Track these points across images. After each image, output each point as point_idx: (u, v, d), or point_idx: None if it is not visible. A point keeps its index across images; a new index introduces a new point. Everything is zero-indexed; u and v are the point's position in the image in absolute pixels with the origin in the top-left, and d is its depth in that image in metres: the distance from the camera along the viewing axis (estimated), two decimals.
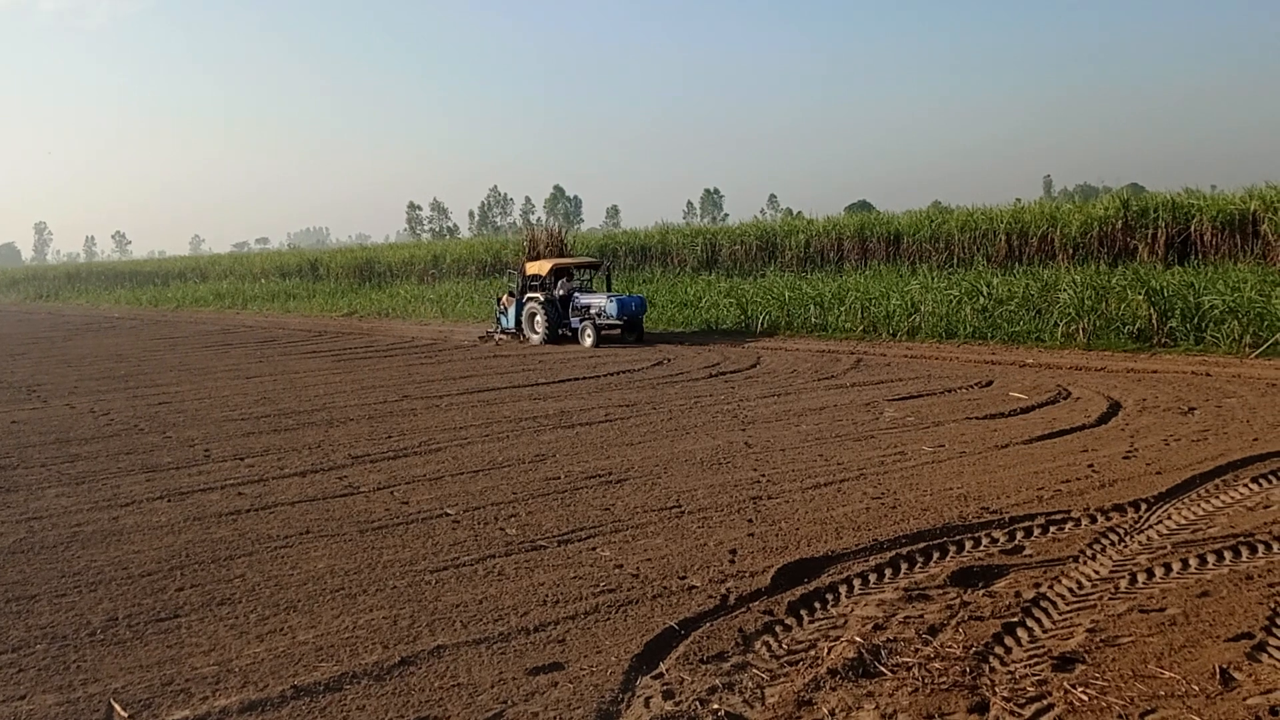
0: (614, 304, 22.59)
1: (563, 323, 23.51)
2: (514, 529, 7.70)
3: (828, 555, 6.74)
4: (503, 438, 11.57)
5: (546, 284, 23.79)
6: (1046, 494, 8.13)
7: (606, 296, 23.03)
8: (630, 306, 22.75)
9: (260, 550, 7.37)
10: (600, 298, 23.16)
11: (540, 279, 23.84)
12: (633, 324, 22.96)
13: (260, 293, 51.61)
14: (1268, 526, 6.96)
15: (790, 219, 44.46)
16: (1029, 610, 5.64)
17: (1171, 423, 11.01)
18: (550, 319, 23.28)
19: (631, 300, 23.03)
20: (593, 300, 23.29)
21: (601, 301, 22.93)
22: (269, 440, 11.89)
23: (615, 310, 22.52)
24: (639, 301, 23.32)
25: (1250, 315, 16.67)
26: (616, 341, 22.73)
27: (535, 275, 23.99)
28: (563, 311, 23.61)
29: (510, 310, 24.66)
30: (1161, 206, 28.14)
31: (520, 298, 24.27)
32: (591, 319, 22.75)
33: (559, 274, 24.36)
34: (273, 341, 28.04)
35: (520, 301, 24.22)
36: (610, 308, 22.59)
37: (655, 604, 5.97)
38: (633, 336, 23.03)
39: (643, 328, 23.43)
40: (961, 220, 32.63)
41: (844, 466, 9.44)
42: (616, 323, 22.72)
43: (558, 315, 23.47)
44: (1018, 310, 20.46)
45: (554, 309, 23.46)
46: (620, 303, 22.63)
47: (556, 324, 23.38)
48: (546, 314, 23.32)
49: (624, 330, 23.03)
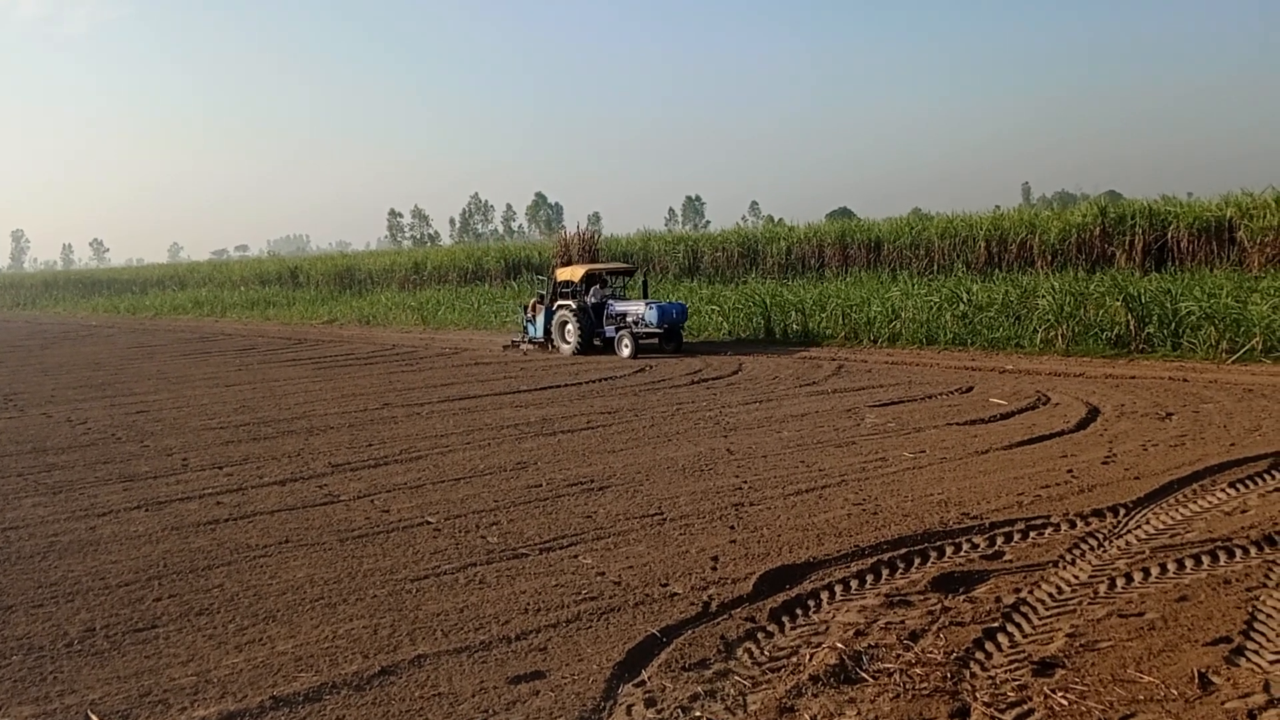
0: (654, 311, 21.15)
1: (596, 331, 22.25)
2: (495, 537, 7.67)
3: (809, 561, 6.75)
4: (484, 445, 11.53)
5: (579, 291, 22.55)
6: (1026, 499, 8.17)
7: (645, 304, 21.64)
8: (671, 314, 21.39)
9: (239, 560, 7.31)
10: (638, 305, 21.78)
11: (573, 285, 22.63)
12: (672, 333, 21.63)
13: (239, 300, 51.30)
14: (1245, 531, 7.01)
15: (772, 226, 44.58)
16: (1009, 615, 5.66)
17: (1149, 428, 11.09)
18: (584, 328, 22.02)
19: (673, 308, 21.70)
20: (630, 308, 21.93)
21: (639, 309, 21.57)
22: (248, 449, 11.81)
23: (656, 318, 21.09)
24: (680, 309, 22.02)
25: (1226, 321, 16.82)
26: (654, 352, 21.46)
27: (567, 281, 22.82)
28: (596, 320, 22.35)
29: (539, 318, 23.25)
30: (1139, 213, 28.38)
31: (550, 305, 22.99)
32: (629, 327, 21.47)
33: (592, 280, 23.08)
34: (252, 349, 27.87)
35: (550, 309, 22.92)
36: (650, 315, 21.18)
37: (637, 611, 5.95)
38: (671, 346, 21.65)
39: (681, 337, 22.19)
40: (941, 227, 32.80)
41: (825, 473, 9.46)
42: (656, 331, 21.30)
43: (591, 324, 22.20)
44: (997, 316, 20.57)
45: (587, 317, 22.20)
46: (661, 310, 21.22)
47: (590, 333, 22.13)
48: (579, 322, 22.04)
49: (662, 340, 21.59)
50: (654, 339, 21.49)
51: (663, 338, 21.50)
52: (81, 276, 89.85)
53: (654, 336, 21.44)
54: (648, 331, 21.32)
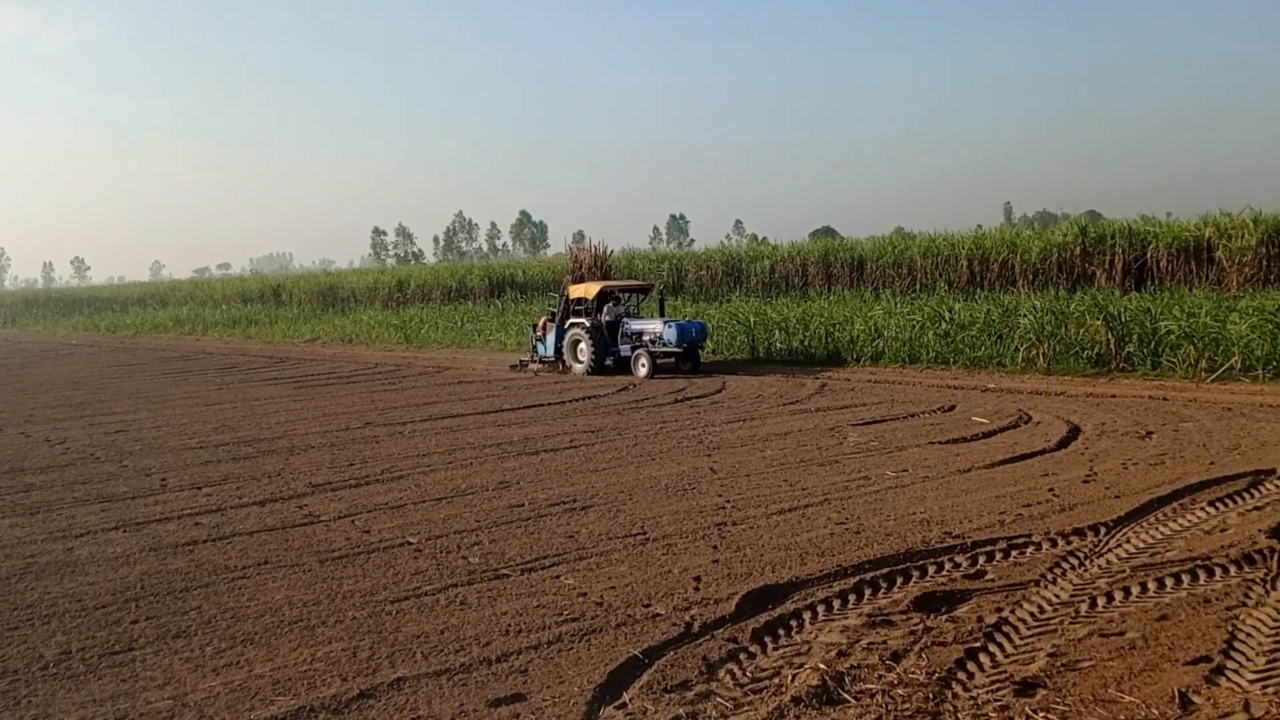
0: (673, 330, 20.46)
1: (610, 351, 21.60)
2: (477, 557, 7.63)
3: (792, 581, 6.73)
4: (466, 465, 11.49)
5: (592, 308, 21.90)
6: (1008, 518, 8.19)
7: (663, 322, 21.02)
8: (690, 333, 20.72)
9: (217, 581, 7.24)
10: (655, 323, 21.17)
11: (585, 303, 21.95)
12: (690, 352, 20.98)
13: (221, 319, 51.06)
14: (1225, 550, 7.04)
15: (756, 244, 44.78)
16: (991, 635, 5.66)
17: (1130, 447, 11.15)
18: (597, 346, 21.32)
19: (692, 326, 21.02)
20: (646, 326, 21.32)
21: (657, 327, 20.92)
22: (227, 469, 11.73)
23: (675, 337, 20.40)
24: (699, 328, 21.39)
25: (1206, 340, 16.95)
26: (671, 371, 20.91)
27: (580, 299, 22.09)
28: (610, 339, 21.71)
29: (549, 337, 22.55)
30: (1119, 233, 28.64)
31: (562, 323, 22.31)
32: (645, 346, 20.85)
33: (605, 298, 22.38)
34: (233, 368, 27.72)
35: (561, 328, 22.24)
36: (669, 334, 20.50)
37: (619, 632, 5.92)
38: (688, 366, 20.98)
39: (700, 357, 21.60)
40: (924, 246, 33.00)
41: (808, 492, 9.46)
42: (674, 351, 20.65)
43: (605, 342, 21.53)
44: (979, 335, 20.67)
45: (601, 336, 21.52)
46: (680, 329, 20.51)
47: (604, 352, 21.43)
48: (593, 341, 21.35)
49: (679, 359, 20.95)
50: (671, 359, 20.93)
51: (680, 357, 20.90)
52: (62, 295, 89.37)
53: (671, 356, 20.85)
54: (665, 351, 20.71)
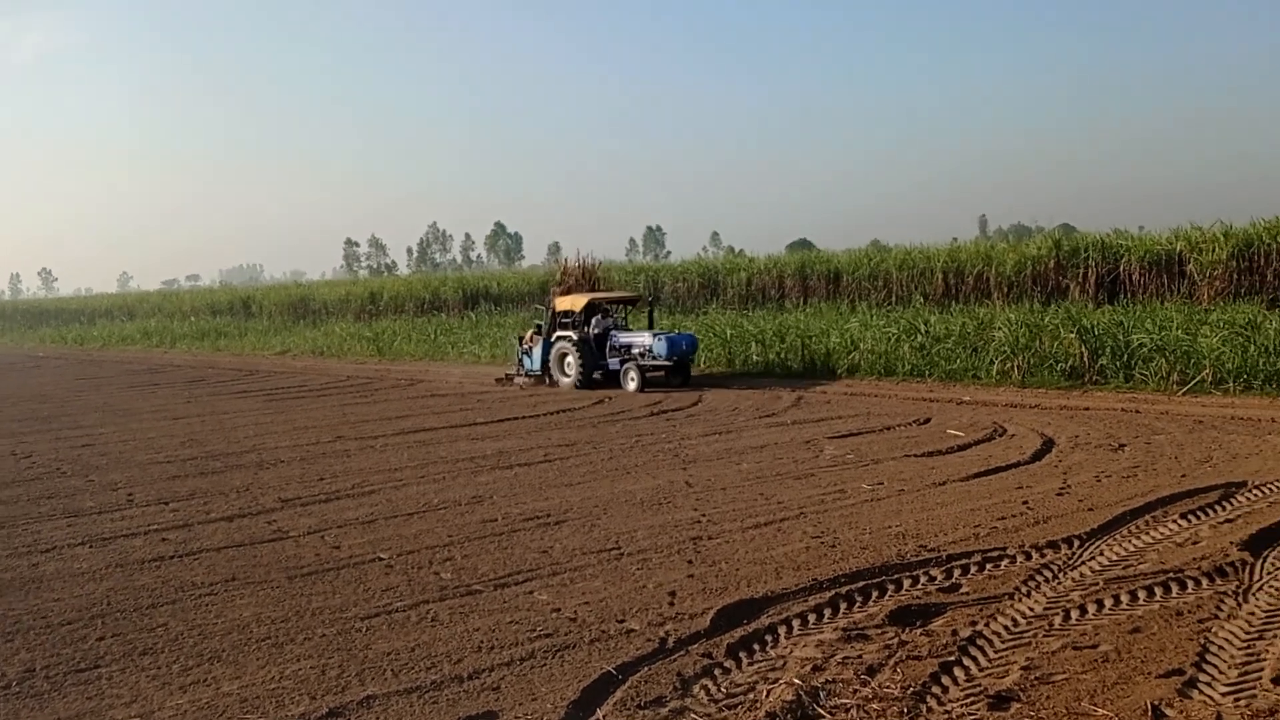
0: (663, 343, 20.11)
1: (599, 364, 21.16)
2: (449, 573, 7.55)
3: (767, 596, 6.69)
4: (439, 479, 11.39)
5: (579, 321, 21.43)
6: (983, 531, 8.19)
7: (653, 335, 20.59)
8: (681, 346, 20.37)
9: (184, 598, 7.14)
10: (644, 336, 20.72)
11: (573, 315, 21.44)
12: (681, 365, 20.62)
13: (189, 331, 50.63)
14: (1197, 562, 7.06)
15: (732, 257, 44.98)
16: (965, 649, 5.64)
17: (1103, 459, 11.20)
18: (585, 360, 20.86)
19: (682, 339, 20.70)
20: (635, 339, 20.88)
21: (646, 340, 20.48)
22: (195, 483, 11.58)
23: (665, 350, 20.02)
24: (690, 340, 21.10)
25: (1177, 354, 17.09)
26: (661, 385, 20.43)
27: (567, 311, 21.58)
28: (598, 352, 21.27)
29: (536, 350, 21.96)
30: (1092, 246, 28.89)
31: (548, 336, 21.82)
32: (635, 360, 20.39)
33: (593, 310, 21.89)
34: (201, 381, 27.46)
35: (548, 341, 21.74)
36: (659, 347, 20.10)
37: (593, 649, 5.86)
38: (678, 380, 20.62)
39: (690, 370, 21.22)
40: (900, 259, 33.17)
41: (784, 505, 9.43)
42: (664, 364, 20.25)
43: (593, 356, 21.08)
44: (955, 348, 20.74)
45: (589, 349, 21.06)
46: (670, 341, 20.18)
47: (592, 365, 20.99)
48: (581, 354, 20.87)
49: (669, 373, 20.53)
50: (661, 372, 20.53)
51: (670, 371, 20.54)
52: (29, 306, 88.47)
53: (661, 370, 20.47)
54: (655, 364, 20.33)
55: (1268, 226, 26.34)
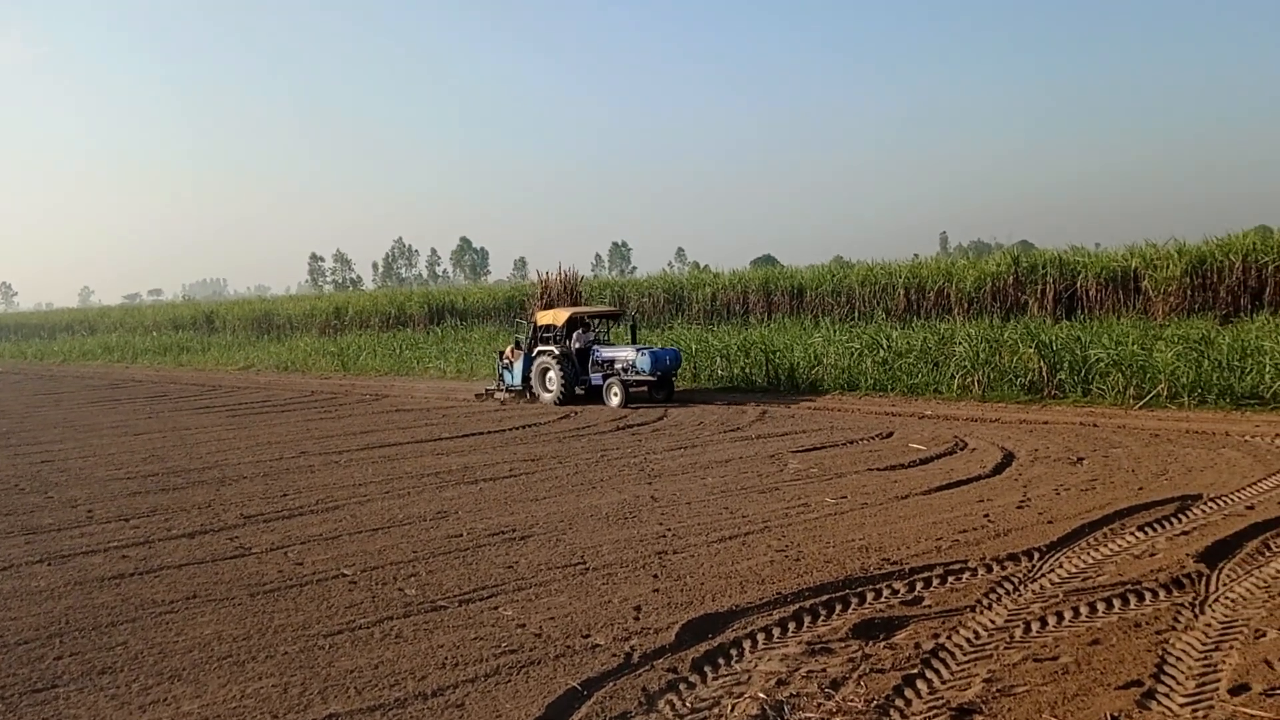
0: (646, 358, 19.94)
1: (581, 379, 20.96)
2: (413, 589, 7.51)
3: (732, 610, 6.72)
4: (403, 494, 11.33)
5: (561, 336, 21.19)
6: (945, 544, 8.27)
7: (636, 349, 20.43)
8: (664, 361, 20.18)
9: (144, 616, 7.05)
10: (628, 350, 20.59)
11: (554, 330, 21.24)
12: (665, 380, 20.45)
13: (151, 346, 49.97)
14: (1154, 574, 7.18)
15: (697, 272, 45.15)
16: (928, 661, 5.70)
17: (1062, 473, 11.35)
18: (567, 375, 20.63)
19: (666, 354, 20.48)
20: (618, 354, 20.73)
21: (629, 355, 20.34)
22: (156, 500, 11.43)
23: (648, 365, 19.86)
24: (674, 355, 20.86)
25: (1134, 368, 17.35)
26: (644, 400, 20.33)
27: (549, 326, 21.39)
28: (580, 367, 21.08)
29: (517, 365, 21.72)
30: (1049, 263, 29.37)
31: (530, 351, 21.56)
32: (617, 375, 20.25)
33: (575, 324, 21.68)
34: (163, 396, 27.12)
35: (529, 356, 21.50)
36: (642, 362, 19.95)
37: (558, 664, 5.85)
38: (662, 395, 20.47)
39: (673, 385, 20.97)
40: (862, 275, 33.50)
41: (749, 519, 9.47)
42: (648, 379, 20.13)
43: (575, 371, 20.86)
44: (916, 363, 20.94)
45: (570, 364, 20.84)
46: (654, 356, 20.01)
47: (574, 380, 20.78)
48: (563, 369, 20.64)
49: (653, 388, 20.43)
50: (644, 388, 20.42)
51: (654, 386, 20.42)
52: None
53: (645, 385, 20.36)
54: (639, 379, 20.20)
55: (1220, 244, 26.94)
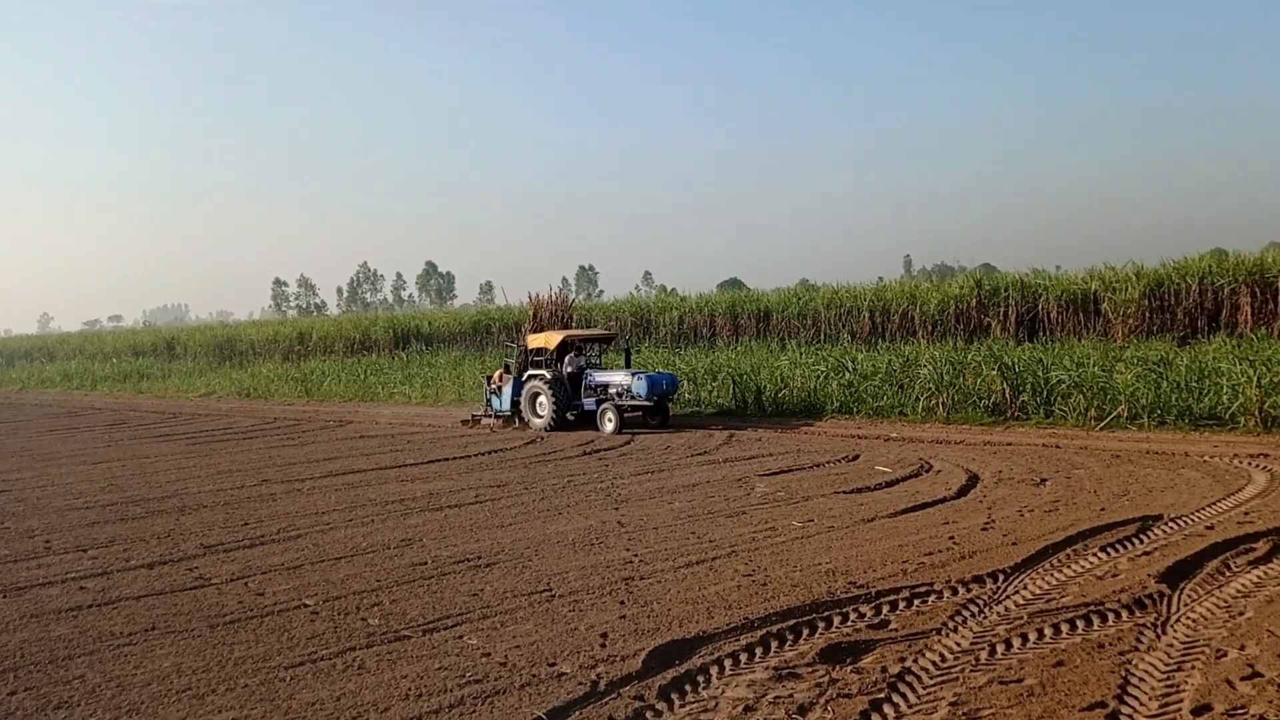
0: (643, 383, 19.53)
1: (573, 404, 20.51)
2: (377, 619, 7.41)
3: (699, 636, 6.69)
4: (367, 522, 11.21)
5: (552, 359, 20.89)
6: (910, 567, 8.30)
7: (631, 374, 20.00)
8: (661, 385, 19.81)
9: (102, 649, 6.91)
10: (622, 375, 20.16)
11: (546, 353, 20.91)
12: (660, 406, 20.01)
13: (111, 373, 49.28)
14: (1117, 595, 7.24)
15: (664, 295, 45.20)
16: (895, 685, 5.69)
17: (1025, 494, 11.44)
18: (559, 400, 20.12)
19: (662, 379, 20.08)
20: (612, 378, 20.32)
21: (624, 379, 19.93)
22: (115, 530, 11.24)
23: (644, 390, 19.46)
24: (670, 380, 20.44)
25: (1094, 390, 17.58)
26: (638, 426, 19.93)
27: (540, 349, 21.05)
28: (573, 391, 20.69)
29: (505, 390, 21.24)
30: (1011, 286, 29.73)
31: (519, 375, 21.18)
32: (612, 399, 19.85)
33: (567, 348, 21.26)
34: (123, 424, 26.74)
35: (519, 380, 21.07)
36: (638, 386, 19.55)
37: (523, 693, 5.79)
38: (656, 420, 20.03)
39: (669, 410, 20.53)
40: (828, 298, 33.73)
41: (716, 544, 9.45)
42: (643, 404, 19.70)
43: (568, 396, 20.40)
44: (881, 385, 21.09)
45: (562, 388, 20.37)
46: (650, 381, 19.59)
47: (566, 405, 20.30)
48: (554, 394, 20.14)
49: (648, 413, 20.02)
50: (639, 413, 20.02)
51: (649, 411, 20.00)
52: None
53: (640, 410, 19.96)
54: (634, 404, 19.78)
55: (1177, 266, 27.42)
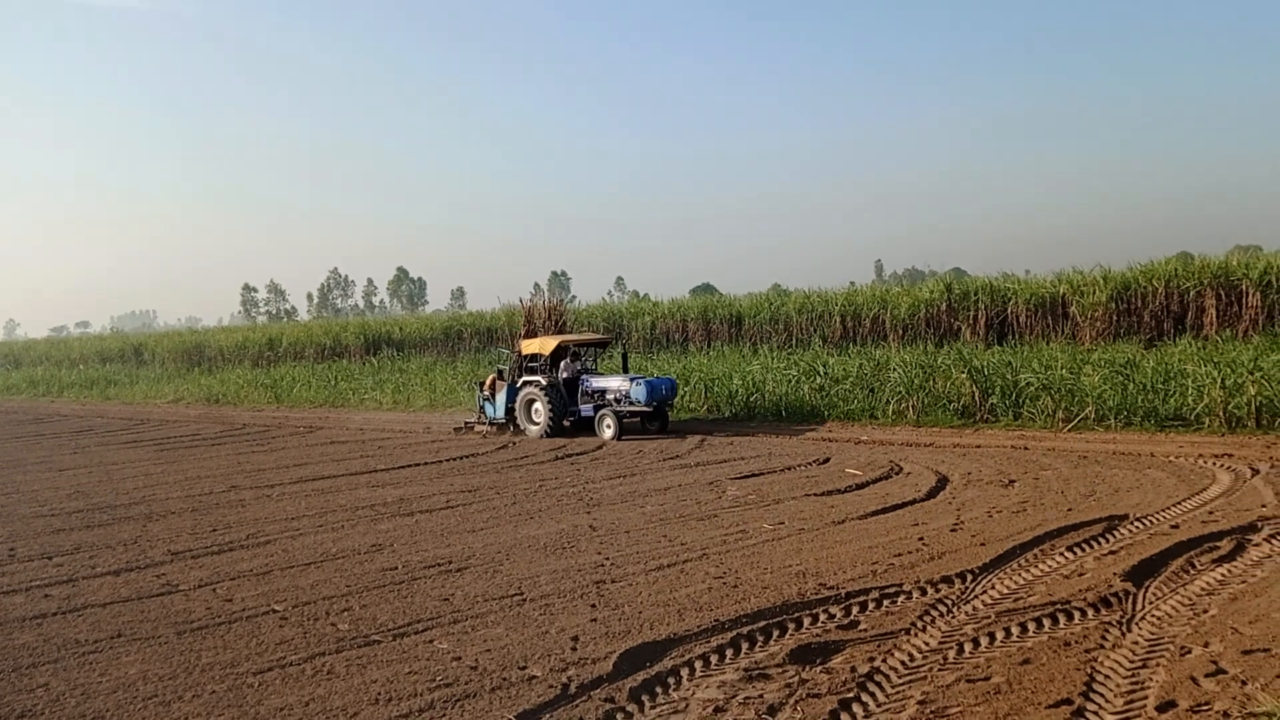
0: (642, 388, 19.13)
1: (570, 410, 20.15)
2: (346, 624, 7.37)
3: (670, 638, 6.70)
4: (337, 528, 11.14)
5: (547, 365, 20.41)
6: (880, 568, 8.35)
7: (630, 379, 19.61)
8: (661, 390, 19.39)
9: (66, 657, 6.84)
10: (620, 380, 19.73)
11: (540, 359, 20.43)
12: (659, 411, 19.65)
13: (78, 379, 48.70)
14: (1083, 594, 7.32)
15: (637, 301, 45.19)
16: (864, 685, 5.73)
17: (994, 495, 11.54)
18: (555, 406, 19.71)
19: (662, 384, 19.63)
20: (610, 383, 19.91)
21: (623, 385, 19.54)
22: (80, 537, 11.11)
23: (644, 395, 19.06)
24: (669, 385, 19.95)
25: (1062, 392, 17.76)
26: (636, 432, 19.59)
27: (534, 355, 20.55)
28: (569, 397, 20.30)
29: (499, 396, 20.77)
30: (981, 290, 29.96)
31: (514, 381, 20.72)
32: (610, 405, 19.46)
33: (562, 353, 20.78)
34: (90, 431, 26.43)
35: (513, 386, 20.62)
36: (637, 392, 19.14)
37: (494, 697, 5.78)
38: (655, 426, 19.69)
39: (668, 416, 20.14)
40: (799, 302, 33.85)
41: (687, 547, 9.47)
42: (643, 410, 19.29)
43: (564, 402, 20.01)
44: (852, 389, 21.20)
45: (558, 394, 19.96)
46: (650, 386, 19.19)
47: (562, 412, 19.92)
48: (550, 400, 19.70)
49: (646, 419, 19.67)
50: (637, 418, 19.61)
51: (648, 417, 19.62)
52: None
53: (638, 416, 19.54)
54: (632, 410, 19.36)
55: (1144, 270, 27.73)
